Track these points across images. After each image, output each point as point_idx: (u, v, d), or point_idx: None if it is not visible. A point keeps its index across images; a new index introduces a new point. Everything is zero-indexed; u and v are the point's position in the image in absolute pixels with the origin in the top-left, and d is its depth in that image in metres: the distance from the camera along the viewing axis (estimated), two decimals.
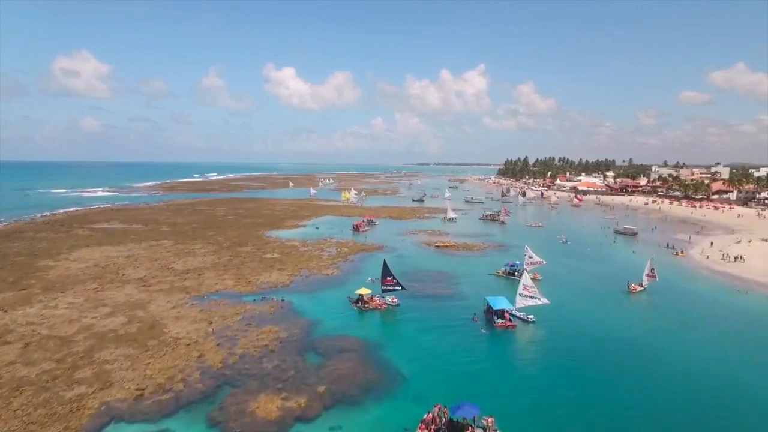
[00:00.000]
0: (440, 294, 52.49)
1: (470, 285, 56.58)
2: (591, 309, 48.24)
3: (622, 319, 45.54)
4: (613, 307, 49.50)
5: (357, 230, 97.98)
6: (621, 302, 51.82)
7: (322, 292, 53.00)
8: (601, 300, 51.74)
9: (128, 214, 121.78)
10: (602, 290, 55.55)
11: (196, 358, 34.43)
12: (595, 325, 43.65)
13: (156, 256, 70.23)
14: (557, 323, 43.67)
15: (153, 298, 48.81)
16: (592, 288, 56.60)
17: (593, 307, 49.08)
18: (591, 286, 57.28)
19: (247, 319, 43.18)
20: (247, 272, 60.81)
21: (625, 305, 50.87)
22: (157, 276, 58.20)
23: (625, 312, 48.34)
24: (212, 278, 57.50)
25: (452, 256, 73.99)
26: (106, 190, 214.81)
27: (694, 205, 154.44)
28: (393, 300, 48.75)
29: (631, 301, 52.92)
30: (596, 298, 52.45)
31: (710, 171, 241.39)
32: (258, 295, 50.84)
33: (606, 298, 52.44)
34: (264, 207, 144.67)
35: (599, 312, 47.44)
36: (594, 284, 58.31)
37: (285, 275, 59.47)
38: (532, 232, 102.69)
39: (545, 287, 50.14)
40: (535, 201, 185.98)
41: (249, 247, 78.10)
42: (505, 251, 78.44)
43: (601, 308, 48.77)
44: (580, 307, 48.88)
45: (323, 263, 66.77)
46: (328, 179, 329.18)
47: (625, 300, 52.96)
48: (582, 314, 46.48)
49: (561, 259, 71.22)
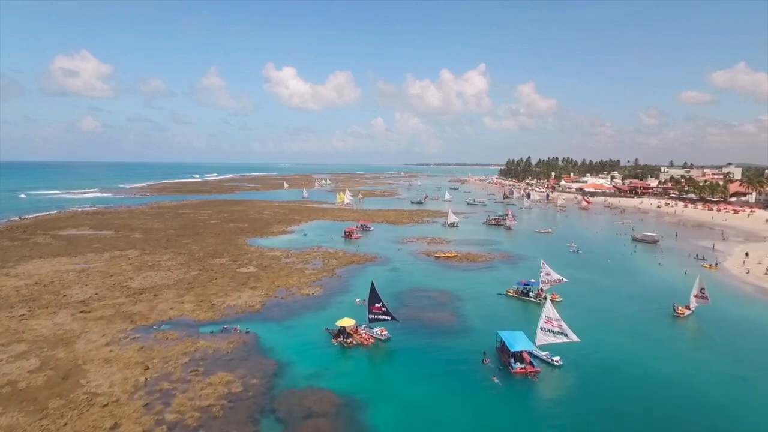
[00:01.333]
0: (440, 323, 43.17)
1: (477, 309, 47.32)
2: (631, 343, 38.85)
3: (672, 357, 36.14)
4: (658, 340, 40.05)
5: (349, 237, 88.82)
6: (667, 332, 42.38)
7: (298, 319, 43.74)
8: (642, 329, 42.30)
9: (103, 218, 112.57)
10: (639, 315, 46.13)
11: (107, 431, 25.17)
12: (639, 366, 34.37)
13: (114, 270, 60.99)
14: (591, 366, 34.40)
15: (86, 330, 39.55)
16: (626, 313, 47.09)
17: (633, 340, 39.67)
18: (624, 310, 47.77)
19: (195, 361, 33.93)
20: (213, 292, 51.57)
21: (673, 337, 41.33)
22: (104, 297, 48.95)
23: (674, 347, 38.79)
24: (169, 300, 48.26)
25: (454, 270, 64.72)
26: (96, 191, 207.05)
27: (711, 208, 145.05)
28: (382, 332, 39.49)
29: (678, 329, 43.52)
30: (634, 326, 43.00)
31: (721, 171, 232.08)
32: (218, 324, 41.61)
33: (647, 327, 42.98)
34: (252, 210, 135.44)
35: (642, 347, 38.09)
36: (627, 307, 48.85)
37: (257, 296, 50.21)
38: (542, 239, 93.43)
39: (567, 312, 40.72)
40: (540, 203, 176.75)
41: (224, 259, 68.85)
42: (515, 264, 69.13)
43: (643, 341, 39.40)
44: (617, 340, 39.50)
45: (305, 279, 57.50)
46: (325, 180, 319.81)
47: (672, 328, 43.55)
48: (621, 351, 37.15)
49: (578, 273, 61.86)
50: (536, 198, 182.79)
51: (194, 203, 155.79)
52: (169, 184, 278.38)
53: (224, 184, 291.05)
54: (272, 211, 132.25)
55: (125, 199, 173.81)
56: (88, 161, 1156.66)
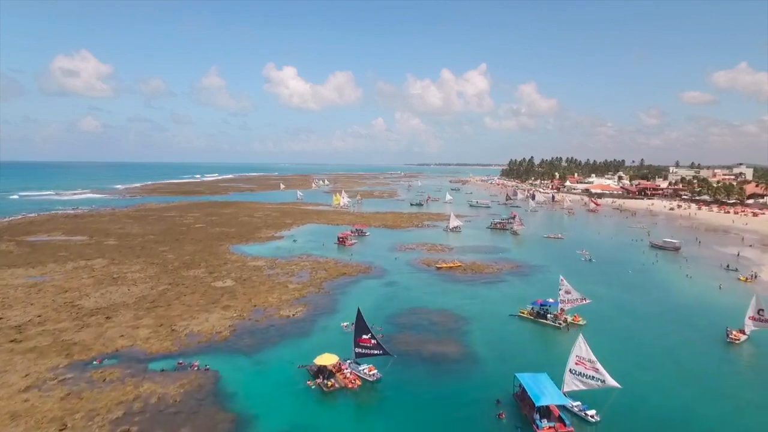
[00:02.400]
0: (443, 356, 35.71)
1: (486, 336, 39.89)
2: (683, 385, 31.23)
3: (741, 405, 28.66)
4: (715, 378, 32.52)
5: (342, 244, 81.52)
6: (725, 368, 34.69)
7: (272, 351, 36.36)
8: (692, 364, 34.73)
9: (81, 222, 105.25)
10: (683, 344, 38.52)
11: None
12: (698, 419, 26.94)
13: (71, 284, 53.70)
14: (636, 421, 26.94)
15: (7, 368, 32.20)
16: (667, 341, 39.36)
17: (685, 380, 32.07)
18: (663, 338, 40.00)
19: (130, 416, 26.56)
20: (177, 313, 44.19)
21: (734, 373, 33.74)
22: (47, 321, 41.61)
23: (739, 388, 31.12)
24: (123, 324, 40.90)
25: (458, 283, 57.28)
26: (88, 192, 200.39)
27: (728, 211, 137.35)
28: (371, 371, 32.05)
29: (738, 362, 36.11)
30: (681, 360, 35.37)
31: (732, 172, 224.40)
32: (174, 358, 34.31)
33: (698, 361, 35.42)
34: (243, 213, 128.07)
35: (697, 390, 30.58)
36: (664, 333, 41.20)
37: (228, 319, 42.83)
38: (552, 246, 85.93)
39: (594, 341, 32.05)
40: (545, 205, 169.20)
41: (200, 270, 61.52)
42: (526, 276, 61.68)
43: (697, 382, 31.82)
44: (664, 381, 31.88)
45: (287, 296, 50.12)
46: (323, 180, 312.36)
47: (729, 362, 35.95)
48: (671, 397, 29.58)
49: (598, 287, 54.33)
50: (541, 200, 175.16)
51: (183, 205, 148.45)
52: (164, 184, 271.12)
53: (219, 184, 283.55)
54: (263, 214, 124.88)
55: (113, 200, 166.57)
56: (88, 161, 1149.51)
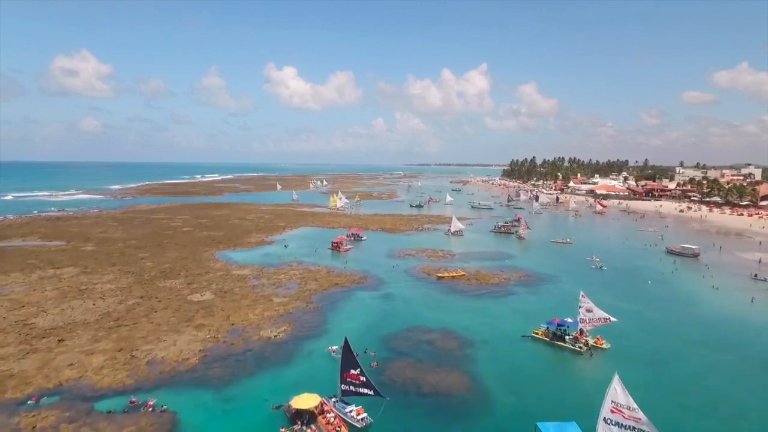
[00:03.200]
0: (446, 392, 30.14)
1: (497, 364, 34.36)
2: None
3: None
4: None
5: (337, 249, 76.10)
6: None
7: (245, 384, 30.85)
8: (745, 403, 29.12)
9: (62, 225, 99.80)
10: (727, 374, 33.02)
11: None
12: None
13: (31, 297, 48.27)
14: None
15: None
16: (708, 371, 33.80)
17: (739, 425, 26.61)
18: (704, 368, 34.27)
19: None
20: (142, 334, 38.72)
21: None
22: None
23: None
24: (76, 350, 35.44)
25: (462, 296, 51.80)
26: (82, 192, 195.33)
27: (741, 213, 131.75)
28: (359, 414, 26.56)
29: None
30: (730, 397, 29.74)
31: (741, 172, 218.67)
32: (126, 395, 28.86)
33: (751, 399, 29.80)
34: (235, 215, 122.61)
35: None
36: (702, 360, 35.60)
37: (199, 341, 37.36)
38: (561, 251, 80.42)
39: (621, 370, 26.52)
40: (550, 207, 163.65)
41: (179, 280, 56.08)
42: (536, 287, 56.15)
43: (753, 427, 26.39)
44: (716, 426, 26.40)
45: (270, 312, 44.64)
46: (321, 181, 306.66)
47: None
48: None
49: (616, 301, 48.75)
50: (545, 201, 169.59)
51: (174, 207, 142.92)
52: (159, 185, 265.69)
53: (215, 185, 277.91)
54: (256, 216, 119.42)
55: (103, 201, 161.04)
56: (88, 161, 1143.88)
